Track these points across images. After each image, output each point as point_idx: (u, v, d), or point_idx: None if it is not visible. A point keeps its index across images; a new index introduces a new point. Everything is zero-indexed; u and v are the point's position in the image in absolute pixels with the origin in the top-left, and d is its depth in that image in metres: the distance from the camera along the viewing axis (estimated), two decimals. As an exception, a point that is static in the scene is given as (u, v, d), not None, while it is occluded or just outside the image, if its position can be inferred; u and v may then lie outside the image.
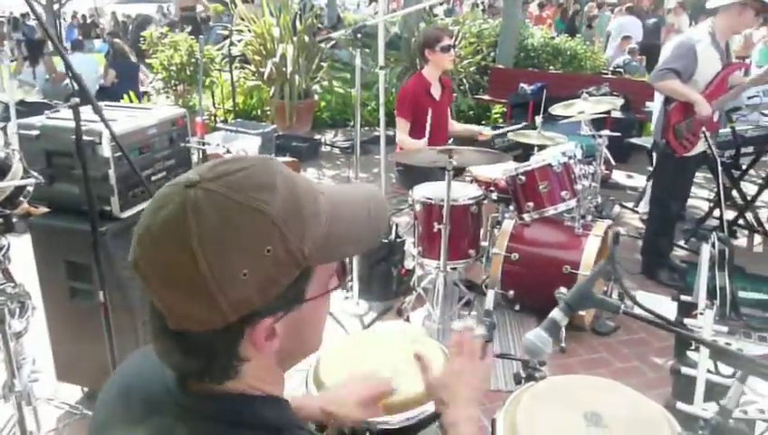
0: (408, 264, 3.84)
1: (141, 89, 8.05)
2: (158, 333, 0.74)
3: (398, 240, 3.78)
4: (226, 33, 8.13)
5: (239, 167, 0.74)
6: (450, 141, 4.25)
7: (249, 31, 7.96)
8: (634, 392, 1.51)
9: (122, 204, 2.46)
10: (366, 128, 8.11)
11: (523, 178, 3.27)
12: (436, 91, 4.00)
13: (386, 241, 3.68)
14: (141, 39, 8.29)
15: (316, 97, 8.15)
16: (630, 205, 5.48)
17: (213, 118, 7.39)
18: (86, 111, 2.07)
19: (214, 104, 7.72)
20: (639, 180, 6.06)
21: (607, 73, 8.27)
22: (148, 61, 8.15)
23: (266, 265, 0.70)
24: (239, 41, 8.02)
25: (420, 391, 1.41)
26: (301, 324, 0.78)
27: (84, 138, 2.03)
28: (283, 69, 7.40)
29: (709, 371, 2.98)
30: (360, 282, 3.64)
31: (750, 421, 2.77)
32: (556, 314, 1.19)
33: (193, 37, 7.71)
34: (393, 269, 3.73)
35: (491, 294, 1.65)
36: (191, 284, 0.69)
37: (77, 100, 1.96)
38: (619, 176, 6.45)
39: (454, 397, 1.16)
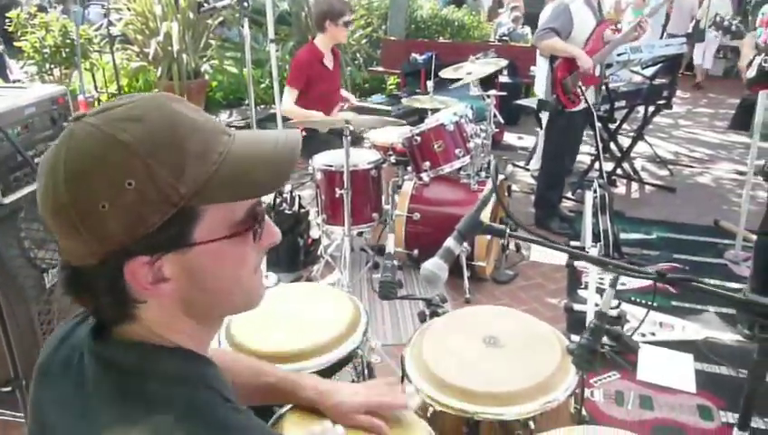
0: (314, 233, 3.88)
1: (11, 77, 7.44)
2: (61, 270, 0.75)
3: (302, 211, 3.79)
4: (104, 11, 7.65)
5: (124, 102, 0.73)
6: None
7: (128, 9, 7.54)
8: (527, 316, 1.65)
9: (3, 189, 2.31)
10: (261, 106, 7.98)
11: (418, 138, 3.38)
12: (329, 62, 4.01)
13: (290, 213, 3.68)
14: (8, 21, 7.64)
15: (207, 77, 7.88)
16: (522, 163, 5.80)
17: (97, 102, 6.98)
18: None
19: (96, 88, 7.28)
20: (529, 141, 6.41)
21: (493, 42, 8.60)
22: (16, 44, 7.52)
23: (128, 199, 0.68)
24: (118, 20, 7.57)
25: (323, 341, 1.48)
26: (198, 271, 0.74)
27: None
28: (169, 48, 7.08)
29: (596, 304, 3.25)
30: (267, 254, 3.62)
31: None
32: (450, 242, 1.27)
33: (66, 17, 7.20)
34: (299, 240, 3.74)
35: (391, 238, 1.72)
36: (59, 213, 0.70)
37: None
38: (510, 138, 6.79)
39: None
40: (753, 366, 1.17)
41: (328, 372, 1.52)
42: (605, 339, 1.33)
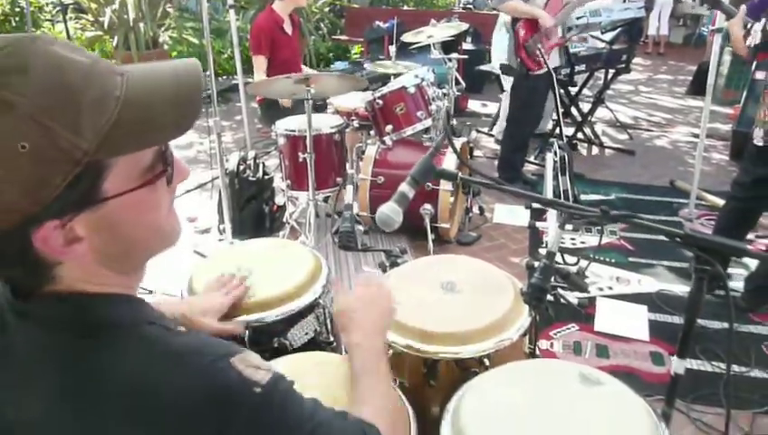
0: (279, 200, 3.87)
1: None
2: None
3: (267, 177, 3.78)
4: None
5: None
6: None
7: (81, -24, 7.30)
8: (484, 263, 1.70)
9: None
10: (224, 77, 7.86)
11: (380, 102, 3.39)
12: (288, 28, 3.97)
13: (254, 179, 3.67)
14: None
15: (166, 47, 7.71)
16: (485, 130, 5.85)
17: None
18: None
19: (50, 60, 7.05)
20: (493, 107, 6.46)
21: (457, 10, 8.59)
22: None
23: (24, 164, 0.61)
24: (71, -13, 7.33)
25: (284, 290, 1.51)
26: (113, 224, 0.70)
27: None
28: (125, 16, 6.90)
29: (556, 262, 3.34)
30: (232, 223, 3.62)
31: (592, 298, 3.17)
32: (404, 187, 1.30)
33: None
34: (264, 207, 3.73)
35: (349, 190, 1.74)
36: None
37: None
38: (474, 105, 6.84)
39: (360, 321, 1.16)
40: (690, 296, 1.24)
41: (289, 321, 1.55)
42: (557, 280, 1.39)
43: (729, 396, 2.37)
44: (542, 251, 3.45)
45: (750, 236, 3.74)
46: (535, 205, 3.99)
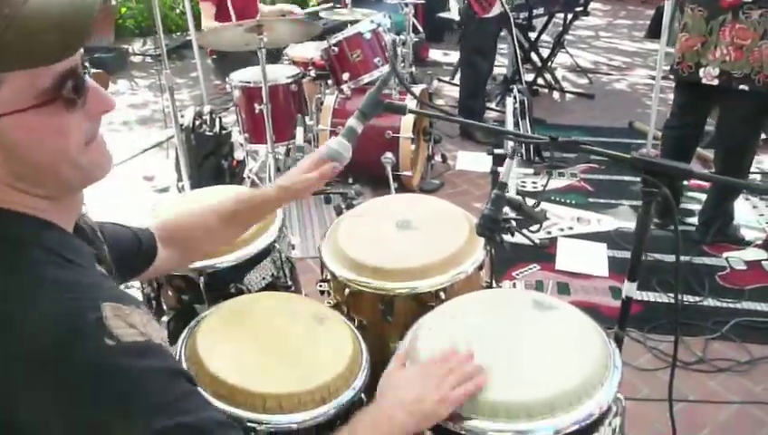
0: (239, 155, 3.80)
1: None
2: None
3: (224, 132, 3.69)
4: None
5: None
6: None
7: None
8: (439, 200, 1.70)
9: None
10: (178, 33, 7.59)
11: (335, 49, 3.31)
12: (239, -28, 3.82)
13: (211, 134, 3.58)
14: None
15: (115, 2, 7.37)
16: (447, 78, 5.80)
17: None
18: None
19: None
20: (454, 56, 6.38)
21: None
22: None
23: None
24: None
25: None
26: (13, 144, 0.70)
27: None
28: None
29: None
30: (190, 179, 3.54)
31: (553, 238, 3.22)
32: (352, 121, 1.28)
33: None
34: (224, 162, 3.65)
35: (300, 131, 1.71)
36: None
37: None
38: (435, 54, 6.76)
39: (389, 392, 1.04)
40: (639, 218, 1.25)
41: (245, 266, 1.54)
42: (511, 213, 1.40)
43: (677, 320, 2.46)
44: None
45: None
46: (497, 150, 4.04)
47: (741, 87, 2.67)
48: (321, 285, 1.59)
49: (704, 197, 3.23)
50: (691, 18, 2.73)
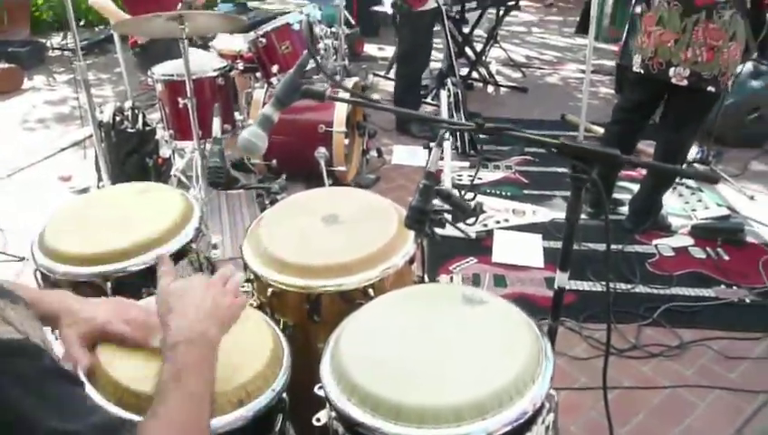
0: (165, 152, 3.61)
1: None
2: None
3: (148, 129, 3.49)
4: None
5: None
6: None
7: None
8: (367, 193, 1.63)
9: None
10: (100, 26, 7.22)
11: (263, 40, 3.19)
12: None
13: (133, 131, 3.39)
14: None
15: (31, -5, 6.95)
16: (382, 73, 5.74)
17: None
18: None
19: None
20: (390, 51, 6.33)
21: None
22: None
23: None
24: None
25: (146, 236, 1.38)
26: None
27: None
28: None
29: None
30: (112, 178, 3.34)
31: (489, 230, 3.20)
32: (267, 109, 1.19)
33: None
34: (148, 160, 3.46)
35: (216, 122, 1.60)
36: None
37: None
38: (370, 48, 6.68)
39: (184, 313, 0.91)
40: (569, 205, 1.22)
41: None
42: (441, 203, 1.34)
43: (609, 307, 2.48)
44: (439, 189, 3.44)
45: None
46: (433, 144, 4.01)
47: (709, 88, 2.67)
48: (244, 286, 1.48)
49: (635, 187, 3.29)
50: (667, 12, 2.68)
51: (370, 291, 1.32)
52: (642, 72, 2.85)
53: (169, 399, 0.80)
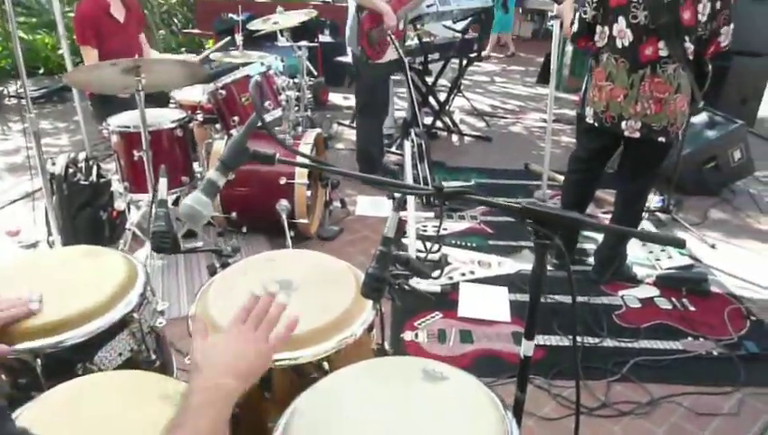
0: (120, 205, 3.49)
1: None
2: None
3: (102, 181, 3.38)
4: None
5: None
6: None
7: None
8: (324, 255, 1.55)
9: None
10: (60, 74, 7.11)
11: (223, 92, 3.14)
12: (118, 13, 3.57)
13: (86, 183, 3.26)
14: None
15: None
16: (347, 122, 5.75)
17: None
18: None
19: None
20: (354, 100, 6.37)
21: (316, 2, 8.41)
22: None
23: None
24: None
25: (83, 307, 1.27)
26: None
27: None
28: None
29: (418, 250, 3.29)
30: (63, 234, 3.19)
31: (455, 284, 3.14)
32: (212, 174, 1.11)
33: None
34: (102, 213, 3.34)
35: (163, 182, 1.51)
36: None
37: None
38: (335, 98, 6.72)
39: (206, 363, 0.95)
40: (532, 272, 1.17)
41: (96, 342, 1.30)
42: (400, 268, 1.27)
43: (577, 366, 2.42)
44: (404, 241, 3.39)
45: (597, 213, 3.94)
46: (398, 194, 3.97)
47: (660, 139, 2.72)
48: (190, 360, 1.38)
49: (600, 236, 3.28)
50: (615, 68, 2.74)
51: (325, 364, 1.23)
52: (596, 124, 2.90)
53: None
